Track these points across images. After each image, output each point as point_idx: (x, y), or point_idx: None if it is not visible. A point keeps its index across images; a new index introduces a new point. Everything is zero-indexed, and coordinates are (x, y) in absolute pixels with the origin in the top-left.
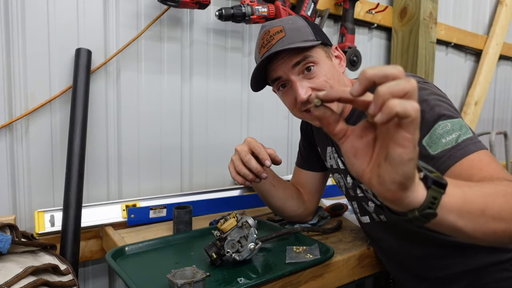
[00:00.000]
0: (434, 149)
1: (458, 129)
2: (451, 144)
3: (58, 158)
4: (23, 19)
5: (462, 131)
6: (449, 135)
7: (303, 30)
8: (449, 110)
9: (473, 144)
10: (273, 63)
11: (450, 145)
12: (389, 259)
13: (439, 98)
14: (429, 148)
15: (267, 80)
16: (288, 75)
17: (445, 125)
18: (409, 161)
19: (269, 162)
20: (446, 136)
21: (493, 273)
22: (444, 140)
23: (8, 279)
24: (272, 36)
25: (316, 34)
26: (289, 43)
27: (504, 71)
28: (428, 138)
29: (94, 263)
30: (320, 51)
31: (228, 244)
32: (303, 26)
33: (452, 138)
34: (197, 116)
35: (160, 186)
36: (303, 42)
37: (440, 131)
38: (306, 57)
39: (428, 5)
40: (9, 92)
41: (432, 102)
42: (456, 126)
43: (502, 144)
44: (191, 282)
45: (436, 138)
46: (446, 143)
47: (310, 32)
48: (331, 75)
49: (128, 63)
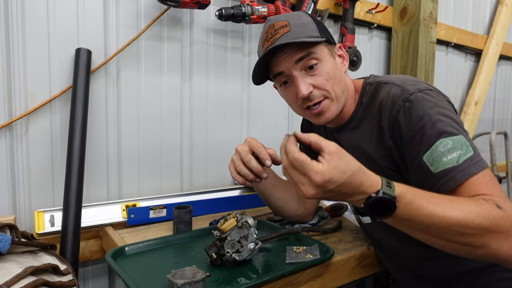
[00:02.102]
0: (435, 167)
1: (459, 147)
2: (452, 164)
3: (58, 158)
4: (23, 19)
5: (463, 150)
6: (450, 153)
7: (308, 26)
8: (451, 126)
9: (473, 165)
10: (276, 57)
11: (451, 164)
12: (389, 259)
13: (442, 111)
14: (430, 165)
15: (269, 75)
16: (291, 70)
17: (447, 143)
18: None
19: (270, 162)
20: (447, 154)
21: (493, 273)
22: (445, 159)
23: (8, 279)
24: (276, 30)
25: (320, 31)
26: (294, 38)
27: (504, 71)
28: (429, 154)
29: (94, 263)
30: (324, 48)
31: (228, 244)
32: (308, 22)
33: (453, 158)
34: (197, 115)
35: (160, 186)
36: (307, 38)
37: (442, 149)
38: (310, 53)
39: (428, 5)
40: (9, 92)
41: (434, 117)
42: (457, 144)
43: (502, 144)
44: (191, 282)
45: (437, 156)
46: (447, 162)
47: (315, 28)
48: (333, 73)
49: (128, 63)
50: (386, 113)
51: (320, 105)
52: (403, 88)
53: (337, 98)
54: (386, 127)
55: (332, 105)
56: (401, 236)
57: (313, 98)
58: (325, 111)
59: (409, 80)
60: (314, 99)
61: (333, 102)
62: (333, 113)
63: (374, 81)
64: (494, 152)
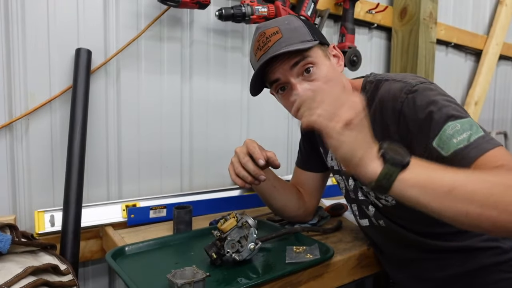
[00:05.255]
0: (446, 150)
1: (469, 128)
2: (463, 144)
3: (58, 158)
4: (23, 19)
5: (473, 130)
6: (460, 134)
7: (300, 30)
8: (457, 110)
9: (486, 142)
10: (271, 65)
11: (462, 144)
12: (388, 261)
13: (447, 98)
14: (441, 149)
15: (265, 83)
16: (287, 77)
17: (455, 125)
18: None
19: (262, 161)
20: (457, 136)
21: (492, 274)
22: (455, 140)
23: (8, 279)
24: (268, 38)
25: (313, 33)
26: (287, 45)
27: (504, 71)
28: (438, 139)
29: (94, 263)
30: (318, 50)
31: (228, 244)
32: (299, 26)
33: (464, 138)
34: (197, 116)
35: (160, 186)
36: (301, 43)
37: (450, 132)
38: (305, 57)
39: (428, 5)
40: (9, 92)
41: (440, 103)
42: (466, 125)
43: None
44: (191, 282)
45: (447, 138)
46: (458, 143)
47: (307, 31)
48: (331, 76)
49: (128, 63)
50: (389, 108)
51: None
52: (404, 82)
53: None
54: (391, 123)
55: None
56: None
57: None
58: None
59: (409, 75)
60: None
61: None
62: None
63: (374, 79)
64: None
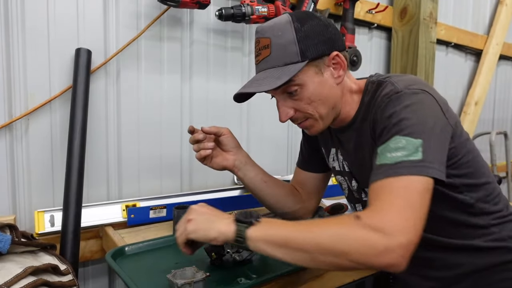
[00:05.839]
0: (378, 160)
1: (412, 149)
2: (391, 161)
3: (58, 158)
4: (23, 19)
5: (410, 151)
6: (397, 151)
7: (289, 49)
8: (418, 129)
9: (409, 168)
10: None
11: (390, 161)
12: None
13: (419, 113)
14: (378, 157)
15: None
16: (273, 93)
17: (399, 141)
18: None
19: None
20: (394, 151)
21: (498, 273)
22: (389, 155)
23: (8, 279)
24: (259, 51)
25: (305, 50)
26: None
27: (504, 71)
28: (383, 147)
29: (94, 263)
30: (307, 70)
31: (228, 244)
32: (290, 42)
33: (397, 156)
34: (197, 115)
35: (160, 186)
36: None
37: (393, 145)
38: (290, 80)
39: (428, 5)
40: (9, 92)
41: (401, 116)
42: (410, 146)
43: (502, 144)
44: (191, 282)
45: (386, 150)
46: (389, 158)
47: (296, 50)
48: (317, 95)
49: (128, 63)
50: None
51: (302, 124)
52: (395, 86)
53: (322, 117)
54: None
55: (316, 123)
56: None
57: (295, 120)
58: (309, 128)
59: (407, 79)
60: (297, 120)
61: (317, 121)
62: (318, 130)
63: (376, 80)
64: (494, 152)
